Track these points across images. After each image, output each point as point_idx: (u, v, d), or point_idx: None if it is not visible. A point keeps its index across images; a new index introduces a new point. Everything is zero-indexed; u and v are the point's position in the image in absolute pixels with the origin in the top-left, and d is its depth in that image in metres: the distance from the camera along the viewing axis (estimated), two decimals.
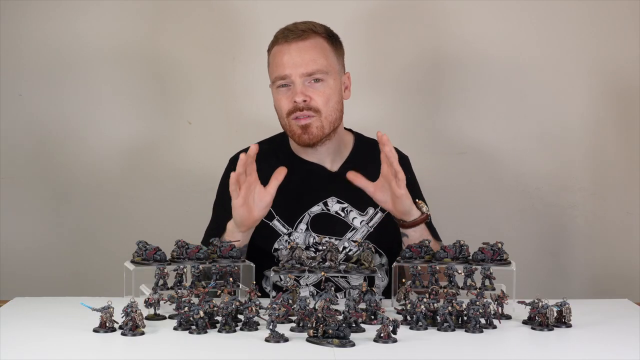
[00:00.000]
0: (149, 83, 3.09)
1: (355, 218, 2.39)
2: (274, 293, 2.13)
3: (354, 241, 2.34)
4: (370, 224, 2.39)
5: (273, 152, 2.45)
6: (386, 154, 2.18)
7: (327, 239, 2.31)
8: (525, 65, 3.09)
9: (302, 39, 2.34)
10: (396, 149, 2.54)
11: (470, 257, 2.12)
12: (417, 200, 2.29)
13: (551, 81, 3.10)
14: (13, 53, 3.04)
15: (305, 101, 2.31)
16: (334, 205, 2.39)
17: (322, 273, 2.07)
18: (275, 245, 2.36)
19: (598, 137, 3.12)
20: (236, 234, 2.25)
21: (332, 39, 2.40)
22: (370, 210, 2.39)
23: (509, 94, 3.11)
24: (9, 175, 3.08)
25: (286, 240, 2.35)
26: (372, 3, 3.08)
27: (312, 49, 2.34)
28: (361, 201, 2.38)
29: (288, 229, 2.37)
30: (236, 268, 2.12)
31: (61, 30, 3.05)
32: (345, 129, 2.49)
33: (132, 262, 2.10)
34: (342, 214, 2.39)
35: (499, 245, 2.12)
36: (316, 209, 2.39)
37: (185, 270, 2.10)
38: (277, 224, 2.37)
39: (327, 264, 2.10)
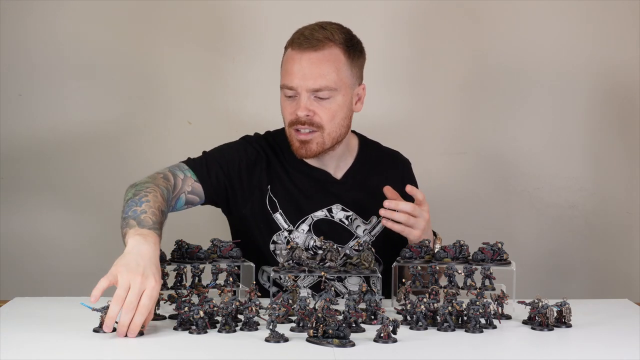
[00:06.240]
0: (149, 83, 3.08)
1: (359, 227, 2.37)
2: (274, 289, 2.12)
3: (356, 249, 2.31)
4: (372, 233, 2.37)
5: (274, 148, 2.38)
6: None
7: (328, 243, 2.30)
8: (526, 65, 3.09)
9: (316, 49, 2.23)
10: (397, 153, 2.53)
11: (470, 257, 2.12)
12: (437, 236, 2.29)
13: (551, 81, 3.10)
14: (13, 53, 3.04)
15: (308, 116, 2.25)
16: (339, 213, 2.36)
17: (322, 273, 2.07)
18: (274, 238, 2.33)
19: (598, 137, 3.12)
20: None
21: (351, 49, 2.28)
22: (374, 219, 2.37)
23: (509, 94, 3.11)
24: (9, 175, 3.08)
25: (285, 237, 2.32)
26: (368, 3, 3.08)
27: (325, 63, 2.23)
28: (366, 210, 2.36)
29: (289, 226, 2.34)
30: (236, 268, 2.12)
31: (61, 30, 3.05)
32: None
33: None
34: (346, 222, 2.36)
35: (499, 245, 2.12)
36: (320, 214, 2.35)
37: (185, 270, 2.09)
38: (279, 217, 2.34)
39: (327, 264, 2.10)
